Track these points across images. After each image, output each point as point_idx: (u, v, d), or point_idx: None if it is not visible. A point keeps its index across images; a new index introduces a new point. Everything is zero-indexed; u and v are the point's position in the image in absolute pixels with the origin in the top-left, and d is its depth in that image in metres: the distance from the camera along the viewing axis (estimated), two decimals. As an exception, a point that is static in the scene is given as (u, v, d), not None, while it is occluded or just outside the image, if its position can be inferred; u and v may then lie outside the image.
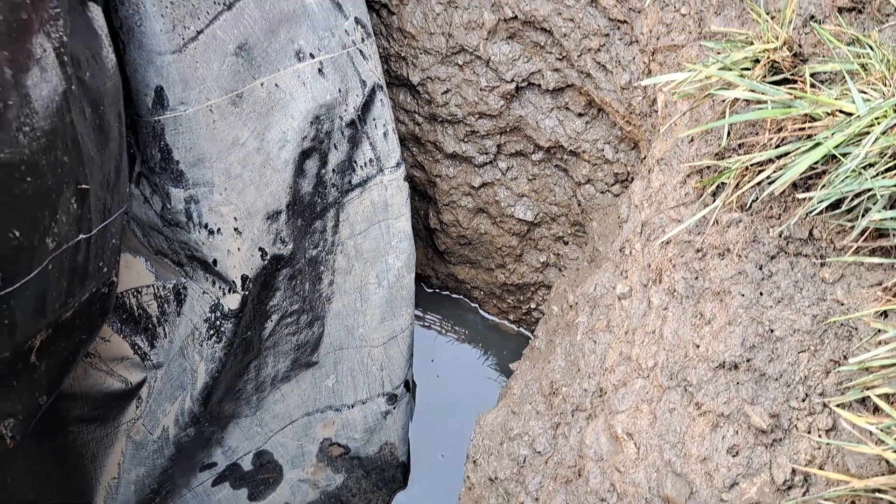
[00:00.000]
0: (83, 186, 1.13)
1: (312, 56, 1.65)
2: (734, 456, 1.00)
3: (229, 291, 1.65)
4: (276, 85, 1.60)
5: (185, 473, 1.92)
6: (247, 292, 1.66)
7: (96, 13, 1.27)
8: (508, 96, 2.00)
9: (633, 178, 1.92)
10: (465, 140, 2.14)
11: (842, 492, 0.86)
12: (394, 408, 2.13)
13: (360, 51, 1.74)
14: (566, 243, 2.20)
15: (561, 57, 1.87)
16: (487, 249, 2.34)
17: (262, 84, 1.57)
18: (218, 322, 1.68)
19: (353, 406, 2.09)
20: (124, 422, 1.77)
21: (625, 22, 1.67)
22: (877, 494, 0.85)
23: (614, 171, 1.95)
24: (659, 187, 1.29)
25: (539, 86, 1.95)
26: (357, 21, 1.72)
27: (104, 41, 1.26)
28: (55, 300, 1.16)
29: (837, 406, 0.99)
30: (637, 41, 1.63)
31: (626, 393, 1.12)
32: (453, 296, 2.60)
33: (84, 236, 1.17)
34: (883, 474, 0.86)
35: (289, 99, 1.62)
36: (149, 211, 1.60)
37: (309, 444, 2.09)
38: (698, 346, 1.08)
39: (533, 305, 2.43)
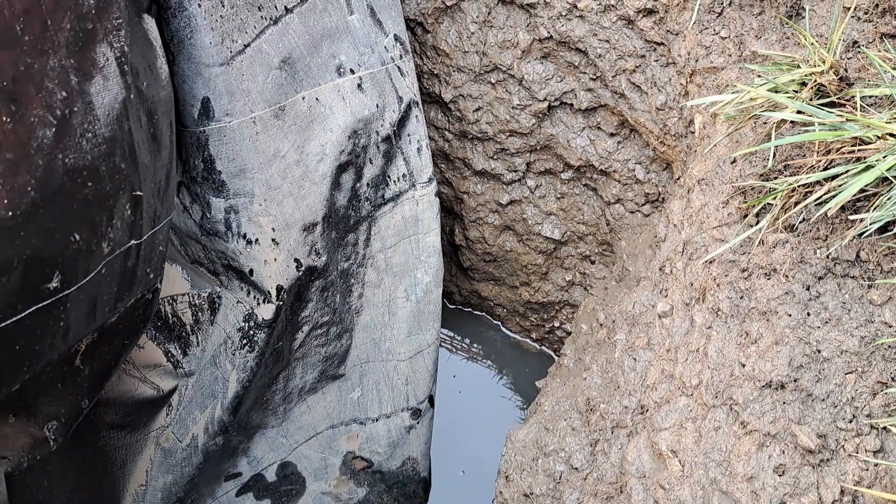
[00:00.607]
0: (137, 193, 1.15)
1: (352, 71, 1.68)
2: (781, 475, 1.00)
3: (264, 301, 1.66)
4: (317, 99, 1.62)
5: (210, 483, 1.92)
6: (281, 303, 1.67)
7: (151, 25, 1.30)
8: (540, 115, 2.02)
9: (663, 199, 1.93)
10: (495, 157, 2.16)
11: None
12: (417, 422, 2.13)
13: (399, 67, 1.76)
14: (593, 262, 2.21)
15: (595, 77, 1.89)
16: (512, 267, 2.35)
17: (303, 98, 1.60)
18: (251, 332, 1.69)
19: (377, 420, 2.09)
20: (154, 429, 1.77)
21: (661, 44, 1.69)
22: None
23: (645, 191, 1.97)
24: (700, 207, 1.30)
25: (571, 105, 1.97)
26: (396, 38, 1.75)
27: (158, 52, 1.29)
28: (105, 304, 1.17)
29: (884, 427, 0.99)
30: (674, 63, 1.65)
31: (670, 410, 1.13)
32: (475, 312, 2.61)
33: (135, 242, 1.19)
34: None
35: (328, 113, 1.64)
36: (188, 220, 1.62)
37: (332, 456, 2.09)
38: (744, 366, 1.08)
39: (556, 324, 2.43)
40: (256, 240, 1.60)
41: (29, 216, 0.93)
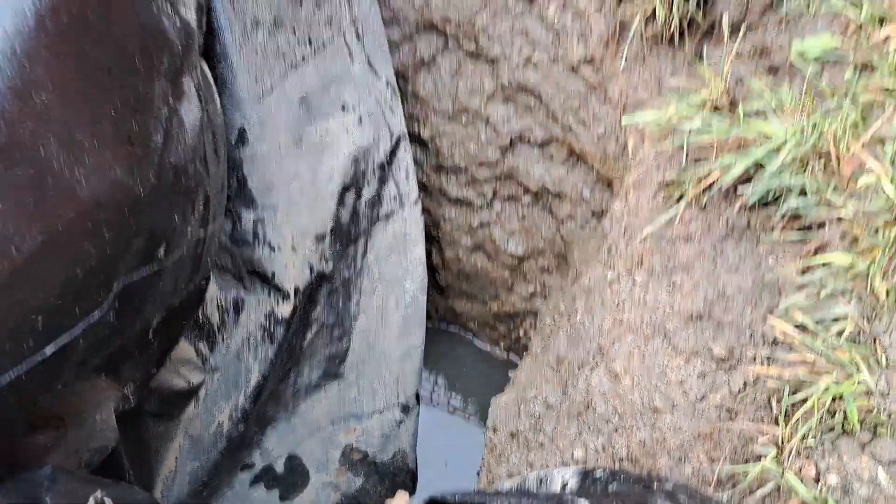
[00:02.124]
0: (207, 193, 1.49)
1: (354, 109, 2.05)
2: (702, 379, 1.37)
3: (283, 300, 1.97)
4: (327, 130, 1.99)
5: (229, 471, 2.17)
6: (297, 302, 1.99)
7: (206, 67, 1.66)
8: (503, 149, 2.42)
9: (606, 213, 2.34)
10: (466, 186, 2.55)
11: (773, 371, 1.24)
12: (407, 417, 2.42)
13: (390, 106, 2.15)
14: (551, 273, 2.59)
15: (547, 116, 2.31)
16: (483, 283, 2.71)
17: (316, 130, 1.96)
18: (272, 328, 1.99)
19: (371, 415, 2.38)
20: (184, 419, 2.03)
21: (599, 87, 2.12)
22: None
23: (591, 208, 2.37)
24: (635, 203, 1.71)
25: (529, 139, 2.39)
26: (387, 83, 2.15)
27: (213, 87, 1.65)
28: (181, 282, 1.49)
29: (773, 341, 1.37)
30: (610, 100, 2.08)
31: (621, 345, 1.49)
32: (450, 327, 2.95)
33: (203, 233, 1.51)
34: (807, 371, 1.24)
35: (336, 142, 2.01)
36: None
37: (333, 449, 2.36)
38: (672, 306, 1.46)
39: (521, 333, 2.78)
40: (279, 247, 1.93)
41: (150, 197, 1.26)
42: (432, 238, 2.70)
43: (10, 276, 0.95)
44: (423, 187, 2.60)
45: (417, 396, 2.47)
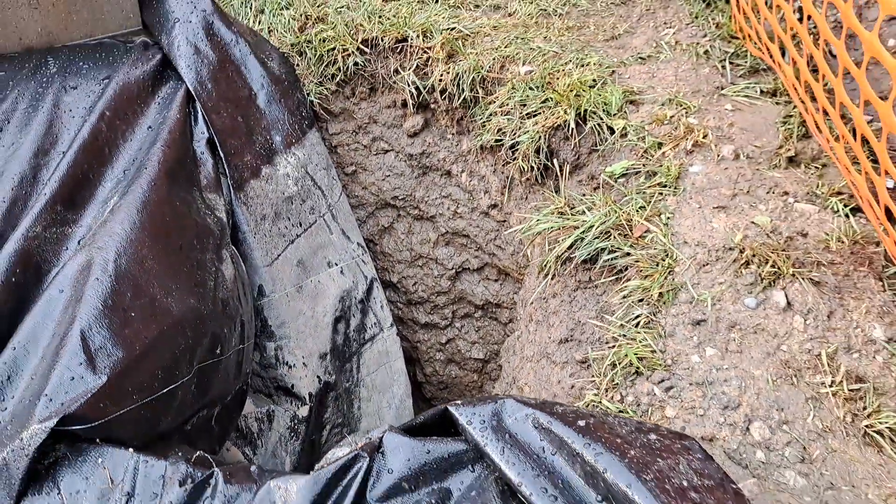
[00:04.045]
0: (243, 318, 2.31)
1: (336, 264, 2.93)
2: (571, 377, 2.11)
3: (301, 405, 2.71)
4: (319, 281, 2.85)
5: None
6: (312, 404, 2.72)
7: (233, 247, 2.56)
8: (452, 278, 3.27)
9: (535, 311, 3.13)
10: (431, 313, 3.36)
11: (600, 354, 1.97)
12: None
13: (362, 259, 3.03)
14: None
15: (477, 248, 3.19)
16: (459, 388, 3.43)
17: (311, 280, 2.82)
18: (296, 427, 2.70)
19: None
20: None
21: (504, 221, 3.02)
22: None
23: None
24: (528, 285, 2.53)
25: (469, 268, 3.24)
26: (358, 244, 3.04)
27: (239, 257, 2.53)
28: (230, 378, 2.26)
29: (611, 346, 2.12)
30: (511, 227, 2.97)
31: (523, 371, 2.23)
32: (443, 434, 3.60)
33: (242, 345, 2.31)
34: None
35: (326, 288, 2.86)
36: (253, 365, 2.72)
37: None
38: (550, 338, 2.23)
39: (499, 426, 3.44)
40: (294, 364, 2.70)
41: (209, 316, 2.08)
42: (414, 360, 3.46)
43: (147, 351, 1.75)
44: (399, 319, 3.41)
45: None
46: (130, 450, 1.52)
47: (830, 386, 1.69)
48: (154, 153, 2.30)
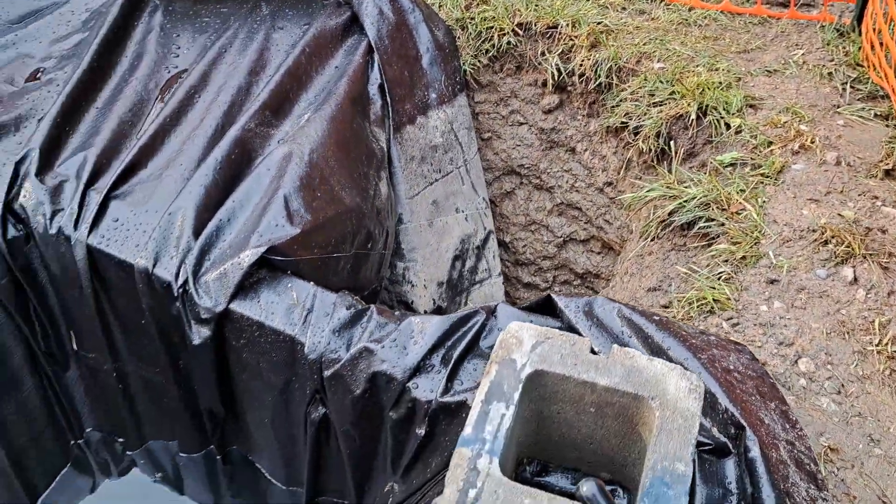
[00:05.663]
0: (388, 228, 2.81)
1: (463, 211, 3.39)
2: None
3: (416, 320, 3.17)
4: (447, 222, 3.31)
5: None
6: (424, 322, 3.18)
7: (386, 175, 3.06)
8: (559, 245, 3.66)
9: (629, 284, 3.48)
10: (535, 274, 3.76)
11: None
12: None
13: (485, 212, 3.48)
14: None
15: (587, 221, 3.56)
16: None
17: (440, 219, 3.29)
18: (408, 337, 3.17)
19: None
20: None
21: (615, 198, 3.39)
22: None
23: (620, 284, 3.51)
24: (630, 247, 2.90)
25: (575, 239, 3.62)
26: (483, 198, 3.49)
27: (390, 184, 3.03)
28: (372, 271, 2.76)
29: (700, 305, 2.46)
30: (621, 205, 3.34)
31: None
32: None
33: (384, 252, 2.81)
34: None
35: (451, 229, 3.32)
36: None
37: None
38: (641, 285, 2.59)
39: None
40: (416, 284, 3.17)
41: (368, 214, 2.58)
42: (512, 314, 3.87)
43: (325, 222, 2.26)
44: (505, 276, 3.83)
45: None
46: (311, 283, 2.02)
47: (877, 345, 1.97)
48: (340, 85, 2.83)
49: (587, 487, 0.88)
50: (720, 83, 3.04)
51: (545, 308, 1.95)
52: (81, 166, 2.44)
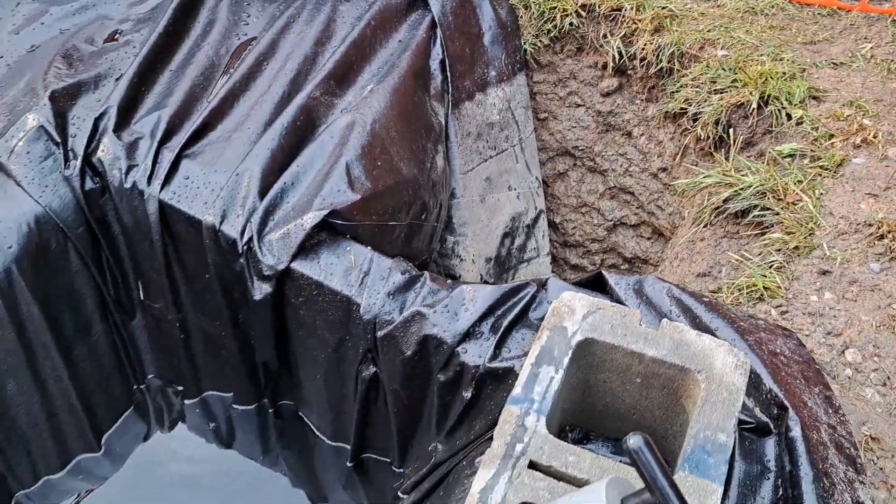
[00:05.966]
0: (442, 201, 2.87)
1: (515, 189, 3.43)
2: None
3: (463, 293, 3.24)
4: (498, 199, 3.37)
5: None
6: (471, 295, 3.25)
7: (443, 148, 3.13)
8: (609, 229, 3.68)
9: (677, 271, 3.48)
10: (582, 256, 3.79)
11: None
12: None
13: (537, 192, 3.52)
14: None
15: (638, 206, 3.57)
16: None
17: (492, 196, 3.34)
18: (454, 309, 3.24)
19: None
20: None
21: (669, 185, 3.39)
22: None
23: (667, 270, 3.52)
24: (682, 233, 2.91)
25: (626, 223, 3.64)
26: (536, 178, 3.53)
27: (446, 157, 3.09)
28: (424, 242, 2.84)
29: (758, 291, 2.47)
30: (674, 192, 3.34)
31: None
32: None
33: (436, 225, 2.88)
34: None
35: (503, 206, 3.37)
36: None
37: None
38: (690, 272, 2.61)
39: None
40: (465, 259, 3.24)
41: (424, 186, 2.65)
42: (557, 294, 3.91)
43: (383, 191, 2.34)
44: (552, 256, 3.87)
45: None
46: (368, 247, 2.11)
47: (928, 341, 1.97)
48: (403, 59, 2.90)
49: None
50: (784, 73, 3.01)
51: (595, 285, 2.00)
52: (156, 125, 2.56)
